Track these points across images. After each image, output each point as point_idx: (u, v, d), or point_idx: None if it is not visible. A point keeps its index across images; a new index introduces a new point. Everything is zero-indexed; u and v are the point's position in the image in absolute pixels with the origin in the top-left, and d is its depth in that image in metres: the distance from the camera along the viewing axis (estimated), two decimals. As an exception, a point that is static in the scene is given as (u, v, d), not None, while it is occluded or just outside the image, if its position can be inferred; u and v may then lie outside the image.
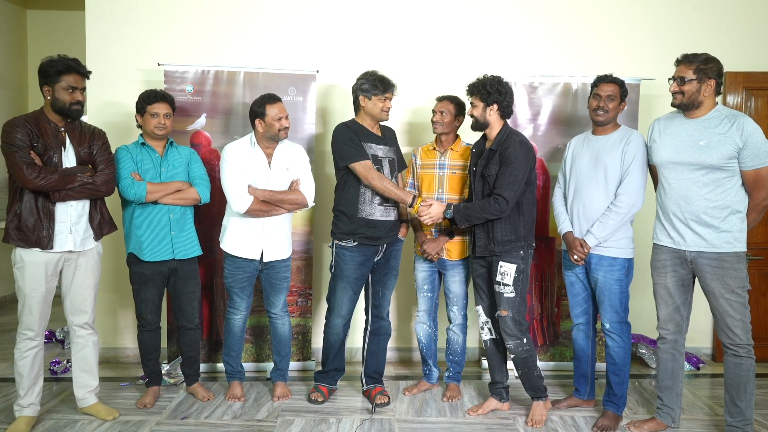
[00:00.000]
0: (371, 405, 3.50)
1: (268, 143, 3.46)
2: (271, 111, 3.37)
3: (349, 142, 3.40)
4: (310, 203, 3.54)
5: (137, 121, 3.43)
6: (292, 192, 3.48)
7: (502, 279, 3.24)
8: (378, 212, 3.44)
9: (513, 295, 3.23)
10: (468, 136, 3.70)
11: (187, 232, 3.46)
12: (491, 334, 3.43)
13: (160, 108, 3.37)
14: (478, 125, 3.31)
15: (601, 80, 3.29)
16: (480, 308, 3.43)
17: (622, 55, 4.36)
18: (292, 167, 3.52)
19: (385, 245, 3.51)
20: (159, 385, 3.58)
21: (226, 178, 3.37)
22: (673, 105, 3.01)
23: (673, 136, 3.00)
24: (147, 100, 3.36)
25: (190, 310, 3.55)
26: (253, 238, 3.44)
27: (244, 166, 3.39)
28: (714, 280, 2.90)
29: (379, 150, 3.47)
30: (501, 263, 3.24)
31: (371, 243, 3.46)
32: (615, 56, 4.35)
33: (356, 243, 3.44)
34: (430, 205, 3.32)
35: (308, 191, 3.52)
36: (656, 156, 3.07)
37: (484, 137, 3.39)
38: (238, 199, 3.33)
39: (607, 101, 3.22)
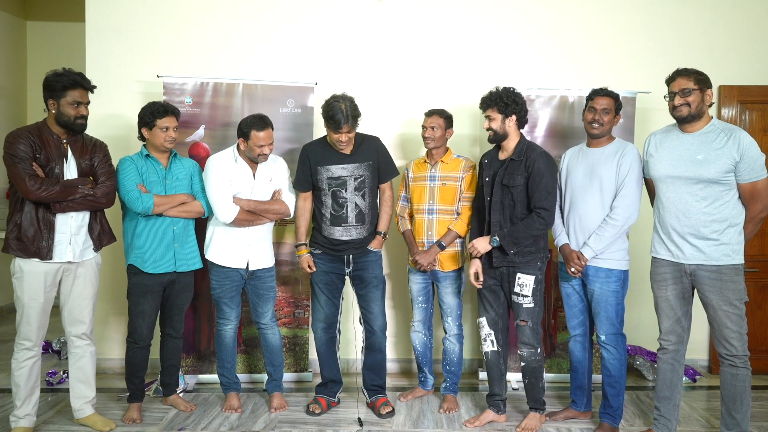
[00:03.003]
0: (359, 419, 3.51)
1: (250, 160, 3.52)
2: (256, 137, 3.38)
3: (300, 169, 3.58)
4: (292, 213, 3.61)
5: (143, 134, 3.39)
6: (275, 202, 3.54)
7: (521, 290, 3.27)
8: (336, 232, 3.52)
9: (532, 305, 3.28)
10: (458, 148, 3.71)
11: (189, 245, 3.47)
12: (493, 346, 3.45)
13: (170, 122, 3.37)
14: (497, 137, 3.33)
15: (597, 93, 3.32)
16: (483, 320, 3.45)
17: (618, 69, 4.40)
18: (275, 178, 3.58)
19: (351, 256, 3.55)
20: (141, 401, 3.54)
21: (212, 189, 3.41)
22: (679, 118, 3.00)
23: (670, 151, 3.02)
24: (156, 114, 3.33)
25: (178, 320, 3.56)
26: (239, 248, 3.48)
27: (229, 177, 3.43)
28: (713, 292, 2.91)
29: (342, 170, 3.49)
30: (519, 275, 3.27)
31: (334, 253, 3.54)
32: (611, 70, 4.40)
33: (320, 251, 3.56)
34: (473, 243, 3.36)
35: (289, 201, 3.58)
36: (654, 170, 3.09)
37: (497, 148, 3.42)
38: (224, 209, 3.38)
39: (602, 114, 3.25)
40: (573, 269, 3.26)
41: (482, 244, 3.32)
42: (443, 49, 4.40)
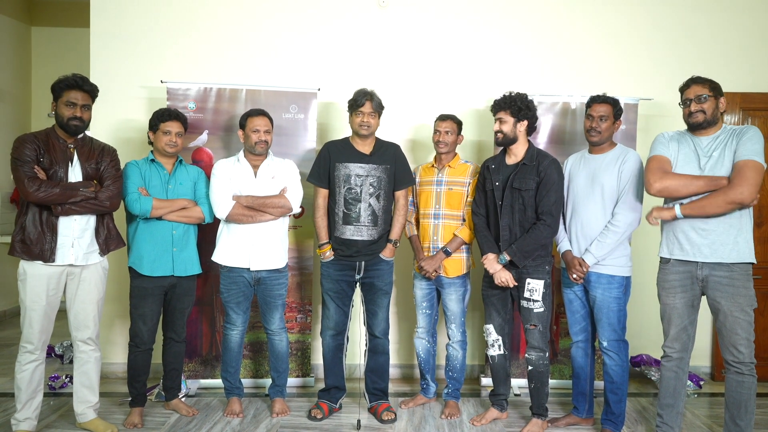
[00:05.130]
0: (357, 423, 3.50)
1: (254, 157, 3.53)
2: (250, 123, 3.48)
3: (318, 162, 3.60)
4: (295, 208, 3.57)
5: (149, 137, 3.48)
6: (275, 196, 3.51)
7: (531, 295, 3.29)
8: (348, 231, 3.50)
9: (542, 309, 3.31)
10: (462, 153, 3.71)
11: (188, 250, 3.48)
12: (500, 350, 3.48)
13: (173, 126, 3.42)
14: (506, 141, 3.34)
15: (594, 100, 3.32)
16: (491, 327, 3.47)
17: (620, 75, 4.41)
18: (278, 176, 3.56)
19: (363, 262, 3.54)
20: (143, 406, 3.54)
21: (212, 187, 3.48)
22: (694, 124, 2.96)
23: (688, 153, 2.98)
24: (161, 117, 3.42)
25: (180, 324, 3.56)
26: (241, 247, 3.48)
27: (229, 176, 3.48)
28: (725, 298, 2.89)
29: (360, 168, 3.51)
30: (529, 280, 3.29)
31: (347, 259, 3.52)
32: (613, 76, 4.41)
33: (332, 258, 3.53)
34: (485, 264, 3.38)
35: (293, 197, 3.54)
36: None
37: (503, 153, 3.43)
38: (219, 203, 3.42)
39: (600, 122, 3.26)
40: (575, 276, 3.27)
41: (493, 266, 3.34)
42: (447, 56, 4.41)
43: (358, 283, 3.63)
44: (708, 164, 2.91)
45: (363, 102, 3.47)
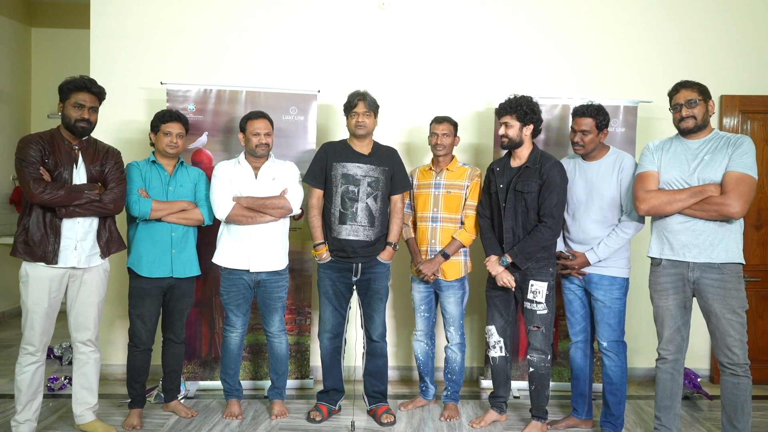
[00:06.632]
0: (351, 424, 3.50)
1: (255, 159, 3.53)
2: (250, 126, 3.48)
3: (315, 162, 3.60)
4: (296, 209, 3.56)
5: (150, 138, 3.50)
6: (275, 197, 3.50)
7: (534, 297, 3.29)
8: (344, 231, 3.49)
9: (546, 311, 3.31)
10: (461, 156, 3.70)
11: (188, 252, 3.48)
12: (502, 352, 3.48)
13: (174, 127, 3.43)
14: (512, 144, 3.34)
15: (576, 114, 3.32)
16: (493, 328, 3.47)
17: (620, 78, 4.42)
18: (279, 177, 3.56)
19: (360, 264, 3.54)
20: (142, 408, 3.54)
21: (212, 188, 3.49)
22: (685, 129, 2.99)
23: (674, 156, 3.01)
24: (162, 118, 3.43)
25: (179, 325, 3.56)
26: (241, 248, 3.48)
27: (229, 177, 3.49)
28: (716, 300, 2.90)
29: (358, 169, 3.51)
30: (532, 282, 3.29)
31: (344, 261, 3.52)
32: (613, 78, 4.42)
33: (329, 259, 3.53)
34: (489, 266, 3.39)
35: (293, 198, 3.53)
36: (663, 176, 3.03)
37: (507, 155, 3.43)
38: (219, 204, 3.42)
39: (583, 135, 3.27)
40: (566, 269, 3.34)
41: (495, 268, 3.34)
42: (446, 58, 4.42)
43: (355, 286, 3.63)
44: (699, 167, 2.92)
45: (356, 103, 3.49)
